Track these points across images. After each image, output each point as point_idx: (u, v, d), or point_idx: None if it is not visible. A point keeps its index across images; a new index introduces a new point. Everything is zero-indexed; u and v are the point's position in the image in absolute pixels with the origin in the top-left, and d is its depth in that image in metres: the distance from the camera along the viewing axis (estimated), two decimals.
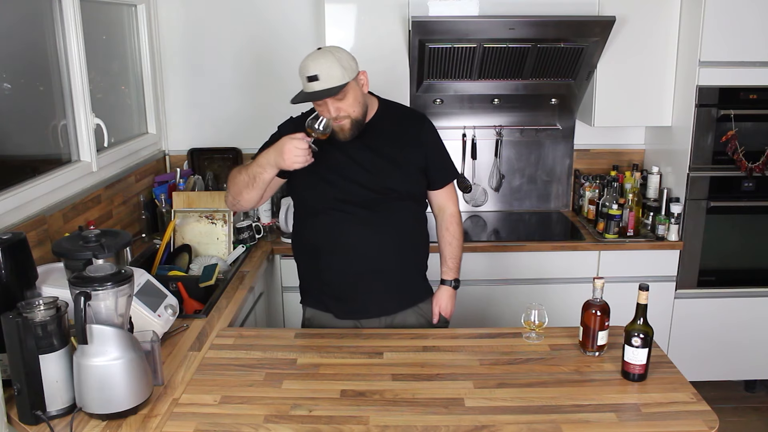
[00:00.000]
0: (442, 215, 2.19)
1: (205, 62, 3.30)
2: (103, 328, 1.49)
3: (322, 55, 1.91)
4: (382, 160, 2.02)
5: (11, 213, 2.04)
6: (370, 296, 2.08)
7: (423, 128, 2.12)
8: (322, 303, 2.13)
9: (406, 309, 2.14)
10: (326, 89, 1.87)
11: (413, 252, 2.14)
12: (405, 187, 2.05)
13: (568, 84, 3.19)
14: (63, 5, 2.41)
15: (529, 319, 1.88)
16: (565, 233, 3.19)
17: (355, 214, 2.00)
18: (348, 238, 2.01)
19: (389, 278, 2.08)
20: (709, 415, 1.53)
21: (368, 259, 2.03)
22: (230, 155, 3.39)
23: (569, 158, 3.44)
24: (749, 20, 2.79)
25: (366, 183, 2.00)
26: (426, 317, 2.18)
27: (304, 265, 2.16)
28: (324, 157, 1.96)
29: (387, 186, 2.01)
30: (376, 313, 2.10)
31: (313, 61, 1.89)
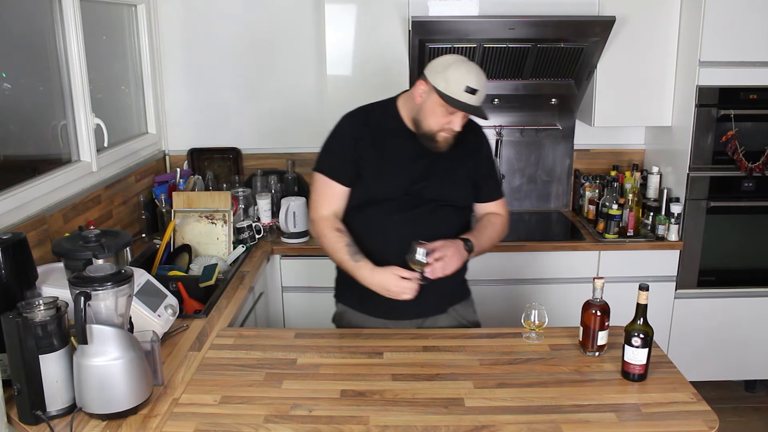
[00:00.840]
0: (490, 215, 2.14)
1: (205, 62, 3.30)
2: (103, 328, 1.49)
3: (480, 71, 1.86)
4: (439, 168, 1.99)
5: (11, 213, 2.04)
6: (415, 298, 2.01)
7: (483, 141, 2.11)
8: (356, 300, 2.10)
9: (440, 314, 2.10)
10: (482, 108, 1.86)
11: None
12: (456, 197, 2.04)
13: (568, 84, 3.19)
14: (63, 5, 2.41)
15: (529, 319, 1.87)
16: (565, 233, 3.19)
17: (403, 214, 1.97)
18: (393, 238, 1.96)
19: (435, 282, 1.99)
20: (709, 415, 1.53)
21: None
22: (230, 155, 3.39)
23: (569, 158, 3.44)
24: (749, 20, 2.79)
25: (420, 187, 1.97)
26: (458, 319, 2.14)
27: None
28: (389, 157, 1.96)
29: (439, 193, 1.99)
30: (411, 316, 2.07)
31: (477, 75, 1.84)
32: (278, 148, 3.39)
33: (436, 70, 1.86)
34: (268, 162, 3.42)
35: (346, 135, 2.02)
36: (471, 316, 2.18)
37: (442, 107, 1.86)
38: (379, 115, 2.03)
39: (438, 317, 2.11)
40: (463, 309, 2.16)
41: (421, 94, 1.90)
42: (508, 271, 2.98)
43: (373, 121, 2.02)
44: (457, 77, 1.82)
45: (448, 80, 1.83)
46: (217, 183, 3.29)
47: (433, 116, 1.89)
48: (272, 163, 3.42)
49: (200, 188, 3.12)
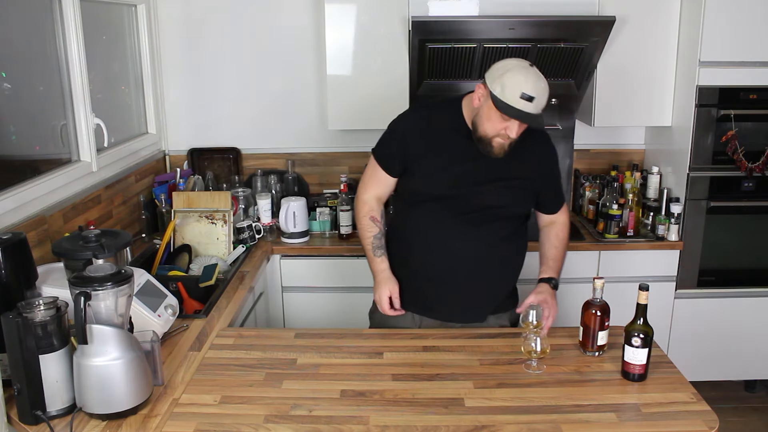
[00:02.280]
0: (552, 224, 2.16)
1: (205, 62, 3.30)
2: (103, 328, 1.49)
3: (540, 77, 1.81)
4: (499, 172, 1.97)
5: (11, 213, 2.04)
6: (456, 302, 2.05)
7: (547, 148, 2.07)
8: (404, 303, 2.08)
9: (479, 321, 2.09)
10: (538, 116, 1.80)
11: (509, 267, 2.12)
12: (515, 203, 2.02)
13: (568, 84, 3.19)
14: (63, 5, 2.41)
15: (528, 319, 1.82)
16: None
17: (461, 220, 1.97)
18: (448, 242, 1.98)
19: (473, 290, 2.04)
20: (709, 415, 1.54)
21: (460, 265, 2.00)
22: (230, 155, 3.39)
23: (569, 158, 3.44)
24: (749, 20, 2.79)
25: (479, 191, 1.96)
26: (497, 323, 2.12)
27: (392, 252, 2.10)
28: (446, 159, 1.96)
29: (498, 198, 1.98)
30: (445, 317, 2.08)
31: (534, 82, 1.78)
32: (278, 148, 3.39)
33: (495, 75, 1.82)
34: (268, 162, 3.42)
35: (400, 129, 2.05)
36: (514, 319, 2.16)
37: (498, 113, 1.81)
38: (442, 113, 2.03)
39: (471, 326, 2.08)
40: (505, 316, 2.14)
41: (480, 97, 1.88)
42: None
43: (435, 119, 2.03)
44: (513, 83, 1.77)
45: (504, 86, 1.78)
46: (217, 183, 3.29)
47: (489, 121, 1.85)
48: (272, 163, 3.42)
49: (200, 188, 3.12)
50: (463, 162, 1.96)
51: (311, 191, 3.43)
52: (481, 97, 1.88)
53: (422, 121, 2.03)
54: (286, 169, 3.37)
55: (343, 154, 3.40)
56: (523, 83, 1.77)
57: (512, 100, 1.77)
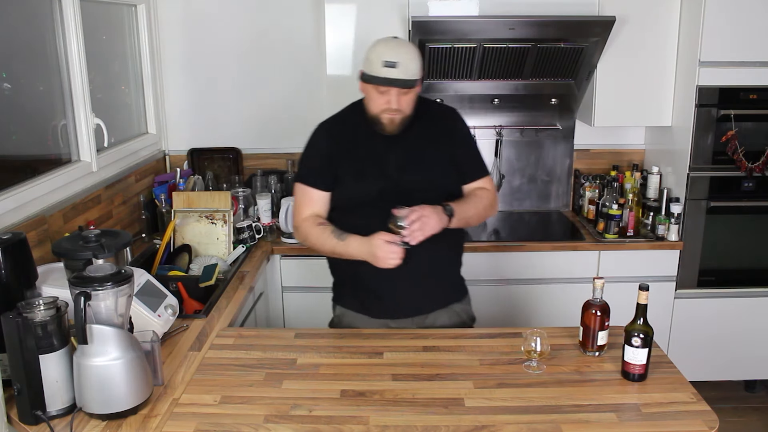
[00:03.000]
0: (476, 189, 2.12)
1: (206, 62, 3.30)
2: (103, 328, 1.49)
3: (403, 44, 1.90)
4: (419, 156, 2.02)
5: (11, 213, 2.04)
6: (407, 295, 2.06)
7: (454, 122, 2.12)
8: (356, 302, 2.11)
9: (440, 309, 2.12)
10: (402, 79, 1.86)
11: (451, 250, 2.13)
12: (442, 183, 2.05)
13: (568, 84, 3.19)
14: (63, 5, 2.41)
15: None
16: (565, 233, 3.19)
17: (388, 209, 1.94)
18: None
19: (426, 277, 2.05)
20: (709, 415, 1.53)
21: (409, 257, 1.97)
22: (230, 155, 3.39)
23: (569, 158, 3.44)
24: (749, 20, 2.79)
25: (406, 180, 1.99)
26: (459, 317, 2.15)
27: (339, 263, 2.11)
28: (366, 157, 1.98)
29: (425, 182, 2.01)
30: (411, 312, 2.08)
31: (394, 48, 1.87)
32: (278, 148, 3.38)
33: (365, 57, 1.91)
34: (268, 162, 3.42)
35: (317, 143, 2.07)
36: (470, 312, 2.20)
37: (374, 88, 1.90)
38: (349, 117, 2.06)
39: (439, 313, 2.11)
40: (460, 307, 2.16)
41: (361, 82, 1.95)
42: (509, 271, 2.98)
43: (344, 125, 2.06)
44: (375, 55, 1.87)
45: (369, 60, 1.88)
46: (217, 183, 3.29)
47: (371, 100, 1.93)
48: (272, 163, 3.42)
49: (200, 188, 3.12)
50: (380, 156, 1.99)
51: None
52: (361, 82, 1.95)
53: (333, 132, 2.06)
54: (286, 169, 3.37)
55: None
56: (383, 52, 1.86)
57: (377, 70, 1.86)
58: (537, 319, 2.99)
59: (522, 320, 2.99)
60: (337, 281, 2.19)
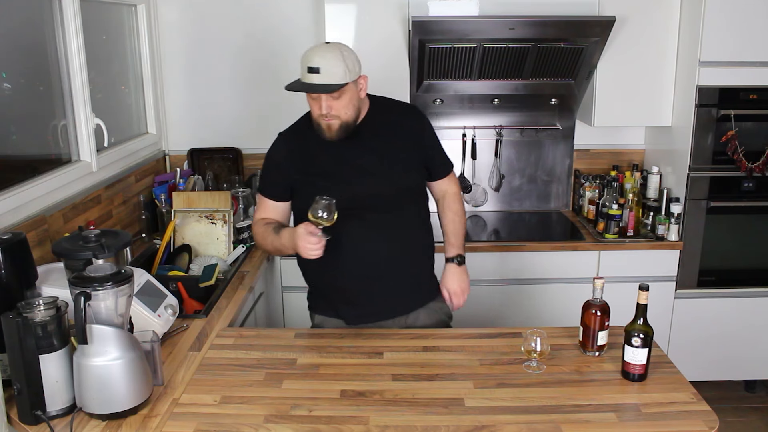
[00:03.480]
0: (444, 198, 2.19)
1: (205, 62, 3.30)
2: (103, 328, 1.49)
3: (328, 49, 1.87)
4: (381, 159, 2.00)
5: (11, 213, 2.04)
6: (382, 299, 2.05)
7: (417, 121, 2.11)
8: (332, 309, 2.10)
9: (417, 309, 2.11)
10: (323, 84, 1.84)
11: (421, 249, 2.13)
12: (407, 183, 2.04)
13: (568, 84, 3.19)
14: (63, 5, 2.41)
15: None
16: (565, 233, 3.19)
17: (361, 216, 1.96)
18: (356, 242, 1.97)
19: (399, 279, 2.05)
20: (709, 415, 1.53)
21: (378, 260, 2.00)
22: (230, 155, 3.39)
23: (569, 158, 3.44)
24: (749, 20, 2.79)
25: (369, 184, 1.98)
26: (438, 315, 2.15)
27: (312, 273, 2.11)
28: (324, 165, 1.96)
29: (389, 184, 2.00)
30: (388, 315, 2.08)
31: (318, 54, 1.85)
32: None
33: None
34: None
35: (273, 155, 2.07)
36: (446, 310, 2.19)
37: (308, 95, 1.89)
38: (308, 126, 2.01)
39: (418, 313, 2.11)
40: (436, 305, 2.16)
41: None
42: (509, 271, 2.98)
43: (302, 135, 2.04)
44: (303, 61, 1.86)
45: (301, 66, 1.87)
46: (217, 183, 3.29)
47: (311, 108, 1.93)
48: None
49: (200, 188, 3.12)
50: (342, 163, 1.98)
51: None
52: None
53: (290, 143, 2.05)
54: None
55: None
56: (307, 58, 1.85)
57: (303, 76, 1.86)
58: (537, 319, 2.99)
59: (522, 320, 2.99)
60: (311, 289, 2.17)
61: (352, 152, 1.98)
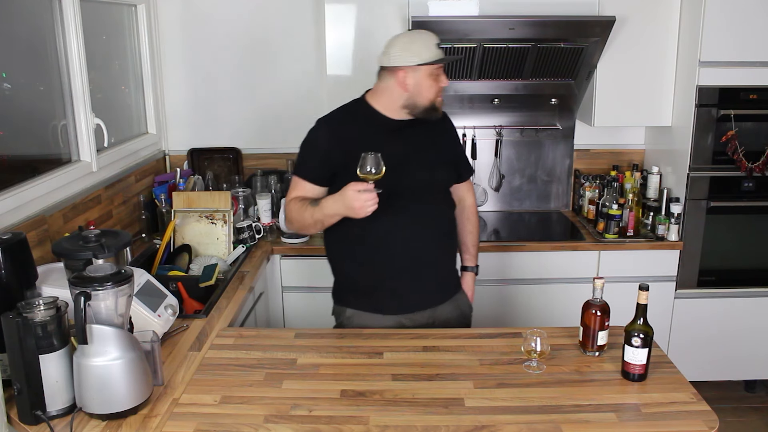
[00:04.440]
0: (463, 206, 2.30)
1: (205, 62, 3.30)
2: (103, 328, 1.49)
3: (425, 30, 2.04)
4: (423, 153, 2.08)
5: (11, 213, 2.04)
6: (421, 290, 2.11)
7: (450, 123, 2.23)
8: (369, 301, 2.11)
9: (447, 301, 2.18)
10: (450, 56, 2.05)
11: (451, 243, 2.23)
12: (444, 179, 2.16)
13: (568, 84, 3.19)
14: (63, 5, 2.41)
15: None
16: (565, 233, 3.19)
17: (404, 207, 2.03)
18: (399, 233, 2.04)
19: (435, 271, 2.13)
20: (709, 415, 1.53)
21: (418, 253, 2.07)
22: (230, 155, 3.39)
23: (569, 158, 3.44)
24: (749, 20, 2.79)
25: (411, 175, 2.04)
26: (460, 308, 2.23)
27: (349, 264, 2.14)
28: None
29: (430, 178, 2.08)
30: (425, 305, 2.13)
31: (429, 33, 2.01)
32: (278, 148, 3.38)
33: (405, 55, 1.98)
34: (268, 162, 3.42)
35: (315, 139, 2.08)
36: (467, 302, 2.29)
37: (430, 76, 1.99)
38: (351, 115, 2.08)
39: (445, 306, 2.17)
40: (460, 298, 2.24)
41: (405, 80, 1.99)
42: (509, 271, 2.98)
43: (346, 123, 2.08)
44: (425, 45, 1.99)
45: (421, 52, 1.97)
46: (217, 183, 3.29)
47: (427, 88, 2.00)
48: (272, 163, 3.42)
49: (200, 188, 3.12)
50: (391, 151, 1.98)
51: None
52: (408, 79, 1.99)
53: (334, 129, 2.08)
54: (286, 169, 3.37)
55: None
56: (429, 39, 2.00)
57: (436, 54, 1.99)
58: (537, 319, 2.99)
59: (522, 320, 2.99)
60: (345, 283, 2.18)
61: (397, 144, 2.04)
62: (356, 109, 2.10)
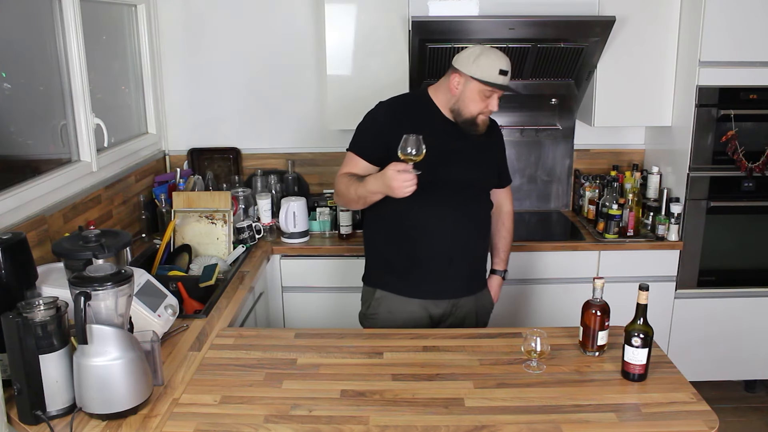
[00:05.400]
0: (500, 211, 2.38)
1: (205, 62, 3.30)
2: (103, 328, 1.49)
3: (504, 55, 2.06)
4: (474, 154, 2.17)
5: (11, 213, 2.04)
6: (448, 278, 2.18)
7: (498, 130, 2.33)
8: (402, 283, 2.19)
9: (471, 295, 2.26)
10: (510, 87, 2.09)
11: (483, 242, 2.30)
12: (488, 178, 2.26)
13: (568, 84, 3.19)
14: (63, 5, 2.41)
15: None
16: (565, 233, 3.19)
17: (449, 198, 2.12)
18: (439, 222, 2.13)
19: (467, 263, 2.21)
20: (709, 415, 1.54)
21: (454, 243, 2.15)
22: (230, 155, 3.39)
23: (569, 158, 3.44)
24: (749, 20, 2.79)
25: (460, 170, 2.14)
26: (483, 304, 2.32)
27: (387, 246, 2.22)
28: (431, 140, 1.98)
29: (476, 175, 2.18)
30: (456, 293, 2.22)
31: (505, 59, 2.05)
32: (278, 148, 3.39)
33: (468, 62, 2.05)
34: (268, 162, 3.42)
35: (377, 118, 2.16)
36: (489, 298, 2.37)
37: (480, 93, 2.06)
38: (412, 103, 2.19)
39: (468, 299, 2.26)
40: (482, 295, 2.32)
41: (457, 85, 2.08)
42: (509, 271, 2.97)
43: (409, 109, 2.17)
44: (489, 64, 2.03)
45: (482, 68, 2.03)
46: (217, 183, 3.29)
47: (473, 102, 2.08)
48: (272, 163, 3.42)
49: (200, 188, 3.12)
50: (443, 145, 2.08)
51: (311, 191, 3.43)
52: (459, 84, 2.08)
53: (396, 112, 2.15)
54: (286, 169, 3.38)
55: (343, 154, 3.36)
56: (497, 62, 2.04)
57: (494, 77, 2.03)
58: (537, 319, 2.99)
59: (522, 320, 3.00)
60: (380, 262, 2.25)
61: (452, 139, 2.13)
62: (417, 99, 2.21)
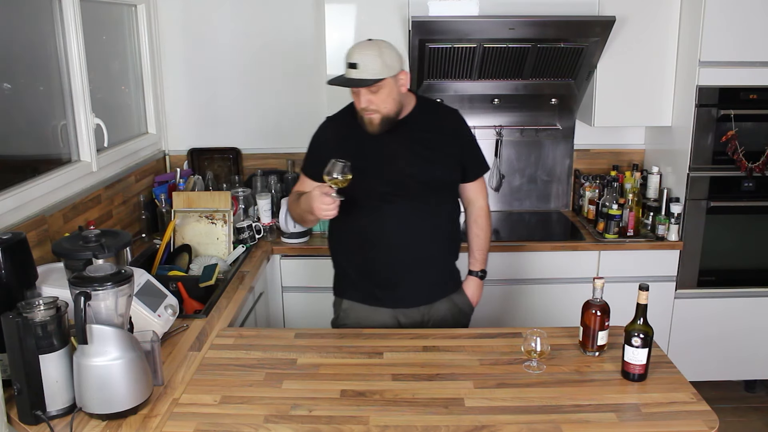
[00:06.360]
0: (472, 208, 2.27)
1: (206, 62, 3.30)
2: (103, 328, 1.49)
3: (368, 46, 1.95)
4: (422, 153, 2.07)
5: (11, 213, 2.04)
6: (413, 285, 2.13)
7: (457, 122, 2.20)
8: (365, 293, 2.15)
9: (441, 299, 2.19)
10: (359, 79, 1.93)
11: (449, 242, 2.20)
12: (443, 178, 2.12)
13: (568, 84, 3.19)
14: (63, 5, 2.41)
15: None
16: (565, 233, 3.19)
17: (398, 205, 2.05)
18: (392, 229, 2.07)
19: (429, 268, 2.14)
20: (709, 415, 1.53)
21: (411, 249, 2.09)
22: (230, 155, 3.39)
23: (569, 158, 3.44)
24: (749, 20, 2.79)
25: (407, 175, 2.05)
26: (458, 307, 2.23)
27: (346, 258, 2.19)
28: (366, 153, 2.01)
29: (427, 177, 2.07)
30: (421, 301, 2.15)
31: (358, 50, 1.94)
32: (278, 148, 3.39)
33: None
34: (268, 162, 3.42)
35: (318, 136, 2.17)
36: (467, 302, 2.27)
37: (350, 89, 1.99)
38: (347, 116, 2.11)
39: (441, 303, 2.18)
40: (457, 297, 2.23)
41: None
42: (508, 271, 2.98)
43: (348, 122, 2.10)
44: (345, 57, 1.96)
45: (344, 62, 1.97)
46: (217, 183, 3.29)
47: (354, 102, 2.02)
48: (272, 163, 3.42)
49: (200, 188, 3.12)
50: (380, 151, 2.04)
51: None
52: None
53: (336, 128, 2.15)
54: (286, 169, 3.37)
55: None
56: (348, 54, 1.96)
57: (345, 72, 1.96)
58: (537, 319, 2.99)
59: (522, 320, 2.99)
60: (343, 273, 2.22)
61: (393, 143, 2.05)
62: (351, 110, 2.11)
